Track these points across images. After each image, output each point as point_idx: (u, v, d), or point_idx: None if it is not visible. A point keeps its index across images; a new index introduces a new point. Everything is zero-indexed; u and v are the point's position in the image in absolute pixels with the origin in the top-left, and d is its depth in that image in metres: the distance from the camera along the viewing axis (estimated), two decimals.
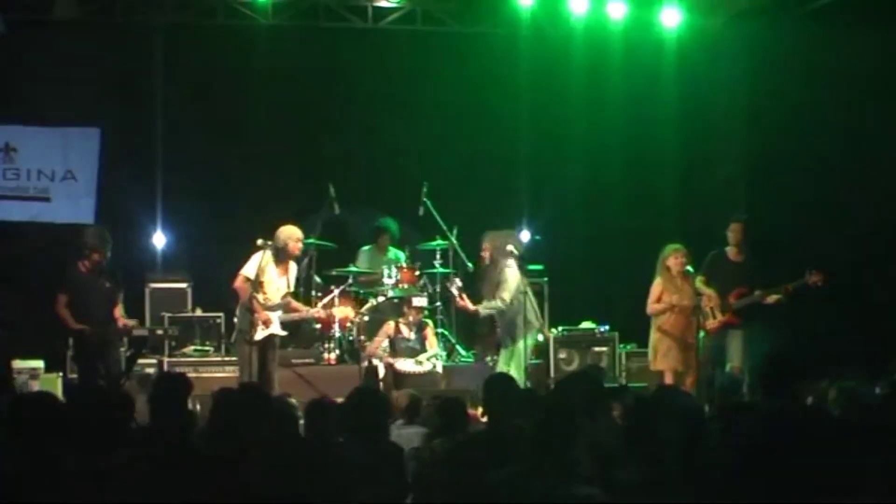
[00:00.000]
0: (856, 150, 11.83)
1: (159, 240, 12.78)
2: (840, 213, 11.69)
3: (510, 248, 10.12)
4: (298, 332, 11.53)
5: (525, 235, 12.49)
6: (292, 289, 10.30)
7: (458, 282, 10.43)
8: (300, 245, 10.10)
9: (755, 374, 9.56)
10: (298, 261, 10.77)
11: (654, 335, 10.31)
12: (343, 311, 10.95)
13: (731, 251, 10.44)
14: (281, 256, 10.03)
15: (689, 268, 10.23)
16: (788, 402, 6.08)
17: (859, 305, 11.15)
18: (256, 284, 9.95)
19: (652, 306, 10.28)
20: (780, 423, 3.80)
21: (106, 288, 9.82)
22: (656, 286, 10.26)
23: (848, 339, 10.66)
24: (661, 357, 10.18)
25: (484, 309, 10.08)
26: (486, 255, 10.20)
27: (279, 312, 10.13)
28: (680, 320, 10.14)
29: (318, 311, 10.78)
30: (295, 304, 10.35)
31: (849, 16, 11.23)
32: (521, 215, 13.19)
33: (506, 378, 6.75)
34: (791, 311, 10.35)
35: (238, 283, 10.11)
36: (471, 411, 8.11)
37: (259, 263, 9.99)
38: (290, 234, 10.07)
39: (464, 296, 10.20)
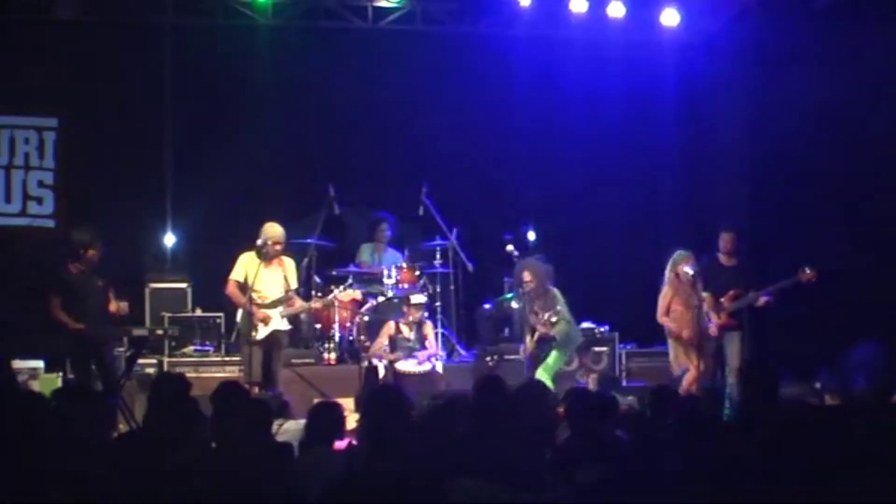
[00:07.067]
0: (859, 149, 11.78)
1: (167, 239, 12.75)
2: (844, 214, 11.65)
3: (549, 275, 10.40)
4: (299, 332, 11.53)
5: (531, 235, 12.51)
6: (293, 285, 10.29)
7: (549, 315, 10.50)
8: (277, 248, 10.11)
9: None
10: (298, 259, 10.77)
11: (670, 342, 10.30)
12: (349, 295, 10.88)
13: (723, 256, 10.46)
14: (264, 254, 10.05)
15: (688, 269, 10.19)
16: (774, 405, 6.04)
17: (860, 305, 11.11)
18: (247, 285, 9.98)
19: (661, 319, 10.26)
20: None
21: (98, 287, 9.75)
22: (665, 295, 10.22)
23: (847, 339, 10.63)
24: (681, 361, 10.15)
25: (559, 333, 10.28)
26: (529, 281, 10.32)
27: (280, 308, 10.13)
28: (690, 324, 10.08)
29: (314, 302, 10.77)
30: (295, 300, 10.34)
31: (852, 15, 11.21)
32: (521, 215, 13.16)
33: (498, 381, 6.75)
34: (788, 311, 10.36)
35: (229, 288, 10.17)
36: None
37: (245, 263, 10.03)
38: (269, 234, 10.10)
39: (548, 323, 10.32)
